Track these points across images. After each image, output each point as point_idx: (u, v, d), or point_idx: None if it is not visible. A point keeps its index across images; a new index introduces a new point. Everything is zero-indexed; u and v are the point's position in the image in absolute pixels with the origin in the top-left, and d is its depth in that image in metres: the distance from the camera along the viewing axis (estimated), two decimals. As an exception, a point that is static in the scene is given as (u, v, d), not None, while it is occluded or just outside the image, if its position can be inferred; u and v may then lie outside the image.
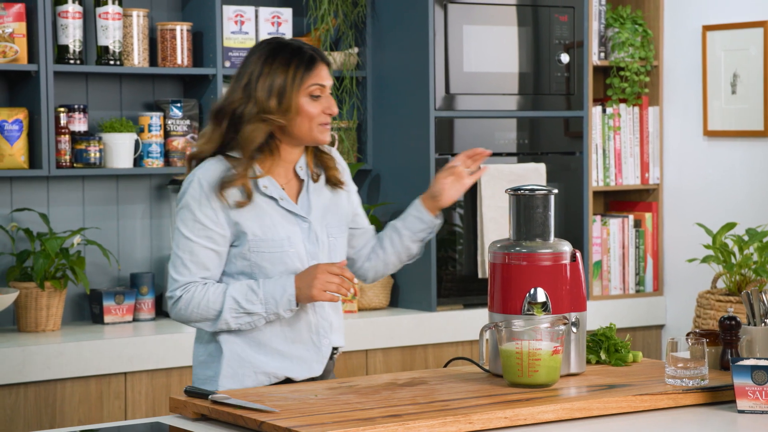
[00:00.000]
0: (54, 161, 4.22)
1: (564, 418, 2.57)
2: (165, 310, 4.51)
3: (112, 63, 4.35)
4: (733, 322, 2.90)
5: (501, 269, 2.85)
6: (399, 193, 4.76)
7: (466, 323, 4.62)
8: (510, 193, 2.90)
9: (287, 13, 4.68)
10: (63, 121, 4.27)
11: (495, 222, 4.66)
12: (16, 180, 4.35)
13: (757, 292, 2.94)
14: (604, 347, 3.01)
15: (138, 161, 4.45)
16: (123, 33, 4.38)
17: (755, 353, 2.91)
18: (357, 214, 3.10)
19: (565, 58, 4.87)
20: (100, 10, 4.33)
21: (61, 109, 4.28)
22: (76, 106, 4.34)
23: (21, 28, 4.20)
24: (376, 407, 2.55)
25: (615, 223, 5.15)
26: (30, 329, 4.21)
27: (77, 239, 4.28)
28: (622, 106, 5.17)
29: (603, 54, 5.13)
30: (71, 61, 4.29)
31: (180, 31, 4.47)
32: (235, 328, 2.87)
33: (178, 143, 4.48)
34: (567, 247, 2.87)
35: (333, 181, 3.00)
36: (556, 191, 2.90)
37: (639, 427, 2.55)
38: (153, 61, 4.51)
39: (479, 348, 2.84)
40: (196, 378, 2.96)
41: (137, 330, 4.25)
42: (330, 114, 2.90)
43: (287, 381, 2.92)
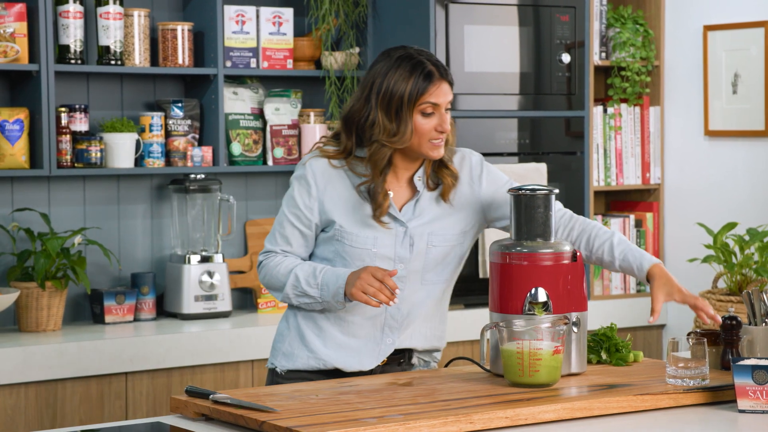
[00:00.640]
0: (55, 161, 4.22)
1: (565, 417, 2.57)
2: (166, 309, 4.53)
3: (113, 63, 4.35)
4: (734, 321, 2.90)
5: (502, 269, 2.85)
6: (400, 193, 4.75)
7: (467, 323, 4.62)
8: (511, 193, 2.90)
9: (288, 13, 4.67)
10: (64, 121, 4.27)
11: (496, 222, 4.65)
12: (17, 180, 4.35)
13: (758, 291, 2.94)
14: (605, 347, 3.01)
15: (139, 161, 4.45)
16: (124, 33, 4.38)
17: (756, 353, 2.91)
18: (505, 204, 3.04)
19: (566, 58, 4.87)
20: (101, 9, 4.33)
21: (62, 109, 4.28)
22: (77, 105, 4.34)
23: (22, 27, 4.20)
24: (376, 407, 2.55)
25: (616, 223, 5.14)
26: (31, 329, 4.21)
27: (78, 239, 4.28)
28: (623, 106, 5.17)
29: (604, 54, 5.13)
30: (72, 61, 4.29)
31: (181, 31, 4.47)
32: (296, 304, 2.99)
33: (179, 143, 4.48)
34: (568, 247, 2.87)
35: (443, 197, 3.01)
36: (557, 191, 2.90)
37: (640, 427, 2.55)
38: (154, 61, 4.51)
39: (480, 348, 2.84)
40: (271, 348, 3.10)
41: (138, 330, 4.25)
42: (441, 131, 2.92)
43: (336, 371, 2.99)
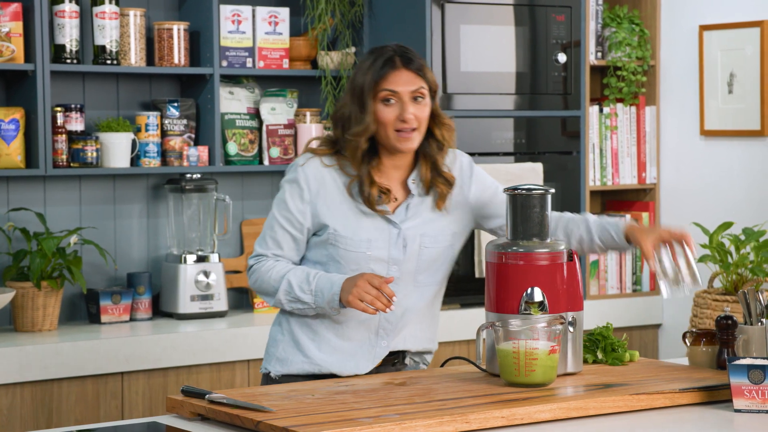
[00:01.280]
0: (51, 161, 4.22)
1: (560, 417, 2.57)
2: (162, 309, 4.53)
3: (108, 62, 4.35)
4: (730, 321, 2.90)
5: (498, 269, 2.86)
6: (396, 193, 4.76)
7: (463, 323, 4.62)
8: (507, 193, 2.90)
9: (284, 13, 4.67)
10: (60, 121, 4.27)
11: (492, 221, 4.65)
12: (12, 180, 4.35)
13: (754, 291, 2.94)
14: (600, 347, 3.01)
15: (135, 161, 4.44)
16: (120, 32, 4.38)
17: (752, 352, 2.91)
18: (490, 203, 3.06)
19: (562, 57, 4.87)
20: (96, 9, 4.33)
21: (58, 109, 4.28)
22: (72, 105, 4.34)
23: (18, 27, 4.20)
24: (372, 407, 2.55)
25: (612, 223, 5.15)
26: (27, 329, 4.21)
27: (74, 239, 4.28)
28: (619, 105, 5.17)
29: (600, 53, 5.14)
30: (68, 61, 4.28)
31: (177, 31, 4.46)
32: (289, 309, 2.97)
33: (175, 143, 4.48)
34: (564, 247, 2.87)
35: (437, 206, 3.01)
36: (553, 191, 2.90)
37: (635, 427, 2.55)
38: (150, 61, 4.51)
39: (476, 347, 2.84)
40: (265, 352, 3.08)
41: (134, 330, 4.24)
42: (403, 121, 2.90)
43: (331, 376, 2.98)
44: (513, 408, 2.53)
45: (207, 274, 4.45)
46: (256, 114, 4.67)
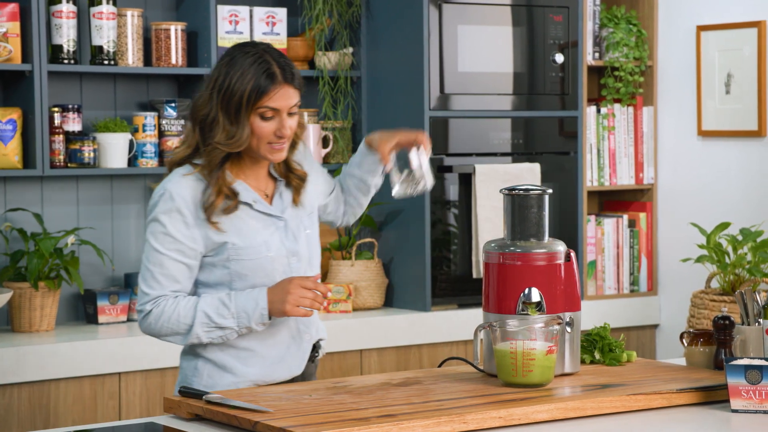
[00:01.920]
0: (48, 161, 4.21)
1: (558, 417, 2.57)
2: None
3: (106, 63, 4.35)
4: (727, 321, 2.90)
5: (495, 269, 2.86)
6: (393, 193, 4.76)
7: (460, 323, 4.62)
8: (504, 193, 2.90)
9: (282, 13, 4.67)
10: (57, 121, 4.27)
11: (489, 222, 4.66)
12: (9, 180, 4.35)
13: (751, 291, 2.94)
14: (598, 347, 3.01)
15: (132, 161, 4.44)
16: (117, 33, 4.38)
17: (749, 353, 2.91)
18: (325, 189, 3.08)
19: (560, 58, 4.87)
20: (94, 9, 4.33)
21: (55, 109, 4.27)
22: (70, 105, 4.33)
23: (15, 27, 4.20)
24: (370, 407, 2.55)
25: (609, 223, 5.15)
26: (24, 329, 4.20)
27: (71, 239, 4.28)
28: (616, 106, 5.17)
29: (597, 54, 5.14)
30: (65, 61, 4.28)
31: (174, 31, 4.46)
32: (207, 341, 2.82)
33: (172, 143, 4.48)
34: (561, 247, 2.87)
35: (294, 201, 2.93)
36: (550, 191, 2.90)
37: (633, 427, 2.55)
38: (147, 61, 4.51)
39: (474, 348, 2.84)
40: (183, 384, 2.91)
41: (131, 330, 4.24)
42: (280, 137, 2.81)
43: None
44: (510, 408, 2.53)
45: (204, 274, 4.45)
46: (253, 114, 4.66)
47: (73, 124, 4.33)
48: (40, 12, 4.19)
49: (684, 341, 3.00)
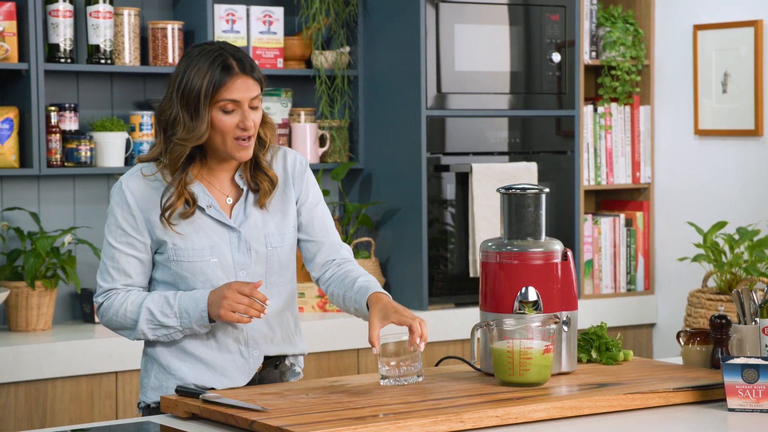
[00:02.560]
0: (45, 160, 4.21)
1: (555, 416, 2.57)
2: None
3: (102, 62, 4.35)
4: (724, 320, 2.90)
5: (492, 268, 2.86)
6: (390, 192, 4.76)
7: (457, 322, 4.63)
8: (501, 192, 2.90)
9: (279, 12, 4.67)
10: (54, 120, 4.27)
11: (486, 221, 4.66)
12: (6, 179, 4.35)
13: (748, 290, 2.95)
14: (595, 346, 3.01)
15: (129, 160, 4.44)
16: (114, 32, 4.38)
17: (745, 352, 2.92)
18: (309, 224, 2.94)
19: (557, 57, 4.87)
20: (90, 8, 4.33)
21: (52, 108, 4.27)
22: (66, 105, 4.33)
23: (11, 26, 4.20)
24: (367, 406, 2.55)
25: (606, 222, 5.15)
26: (21, 328, 4.20)
27: (68, 238, 4.28)
28: (613, 105, 5.17)
29: (594, 53, 5.14)
30: (62, 60, 4.28)
31: (171, 30, 4.46)
32: (153, 339, 2.81)
33: (169, 142, 4.48)
34: (558, 246, 2.87)
35: (259, 203, 2.86)
36: (547, 190, 2.90)
37: (630, 426, 2.55)
38: (144, 60, 4.51)
39: (470, 347, 2.84)
40: (139, 385, 2.92)
41: (128, 329, 4.24)
42: (244, 129, 2.77)
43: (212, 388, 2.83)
44: (507, 407, 2.53)
45: (201, 273, 4.45)
46: (250, 113, 4.66)
47: (70, 123, 4.33)
48: (36, 11, 4.19)
49: (681, 340, 3.00)
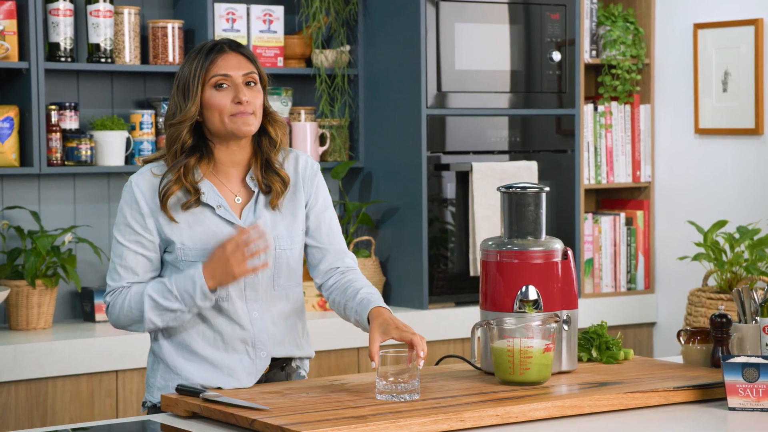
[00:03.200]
0: (45, 159, 4.21)
1: (555, 415, 2.57)
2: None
3: (103, 61, 4.35)
4: (724, 319, 2.90)
5: (493, 267, 2.86)
6: (391, 191, 4.76)
7: (457, 321, 4.63)
8: (502, 191, 2.90)
9: (279, 11, 4.67)
10: (54, 119, 4.27)
11: (487, 220, 4.66)
12: (6, 178, 4.35)
13: (748, 289, 2.95)
14: (595, 345, 3.02)
15: (129, 159, 4.44)
16: (114, 31, 4.38)
17: (746, 350, 2.92)
18: (317, 230, 2.92)
19: (557, 56, 4.87)
20: (91, 7, 4.33)
21: (52, 107, 4.27)
22: (67, 103, 4.33)
23: (12, 25, 4.20)
24: (367, 405, 2.55)
25: (606, 221, 5.15)
26: (21, 327, 4.20)
27: (68, 237, 4.28)
28: (613, 104, 5.17)
29: (594, 52, 5.14)
30: (62, 59, 4.28)
31: (171, 29, 4.46)
32: (163, 325, 2.79)
33: (169, 141, 4.48)
34: (558, 245, 2.87)
35: (271, 204, 2.85)
36: (547, 189, 2.90)
37: (630, 425, 2.55)
38: (144, 59, 4.51)
39: (471, 346, 2.84)
40: (145, 384, 2.92)
41: (128, 328, 4.24)
42: (238, 102, 2.76)
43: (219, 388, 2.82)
44: (507, 406, 2.53)
45: (201, 272, 4.45)
46: (250, 112, 4.66)
47: (70, 122, 4.33)
48: (36, 10, 4.19)
49: (681, 339, 3.00)
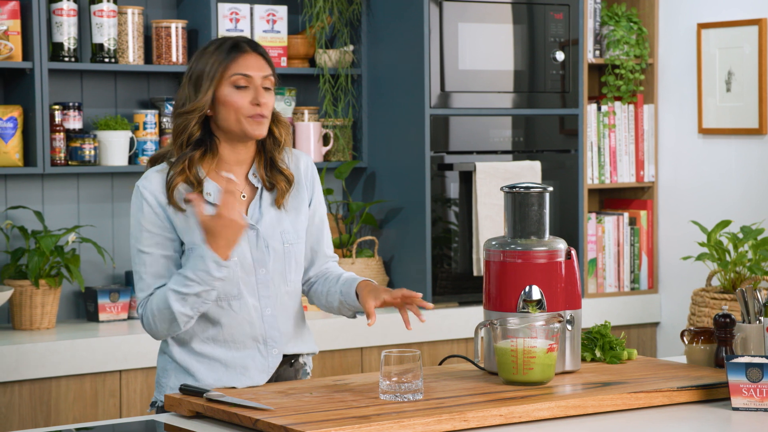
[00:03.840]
0: (49, 159, 4.22)
1: (559, 415, 2.57)
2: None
3: (107, 60, 4.35)
4: (728, 319, 2.90)
5: (496, 267, 2.86)
6: (394, 191, 4.76)
7: (461, 321, 4.63)
8: (505, 191, 2.90)
9: (282, 11, 4.67)
10: (58, 119, 4.27)
11: (490, 220, 4.66)
12: (10, 178, 4.35)
13: (752, 289, 2.94)
14: (599, 345, 3.02)
15: (133, 159, 4.44)
16: (118, 30, 4.38)
17: (750, 351, 2.91)
18: (309, 231, 2.96)
19: (560, 55, 4.87)
20: (94, 7, 4.33)
21: (56, 107, 4.28)
22: (70, 103, 4.34)
23: (15, 25, 4.20)
24: (371, 405, 2.55)
25: (610, 221, 5.15)
26: (25, 327, 4.21)
27: (72, 237, 4.28)
28: (617, 103, 5.17)
29: (598, 52, 5.14)
30: (66, 59, 4.28)
31: (175, 29, 4.46)
32: (194, 314, 2.75)
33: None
34: (562, 245, 2.87)
35: (276, 203, 2.87)
36: (551, 189, 2.90)
37: (633, 425, 2.55)
38: (148, 59, 4.51)
39: (474, 346, 2.84)
40: (156, 383, 2.92)
41: (132, 328, 4.24)
42: (257, 104, 2.78)
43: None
44: (511, 406, 2.53)
45: (205, 272, 4.45)
46: (254, 112, 4.66)
47: (74, 121, 4.33)
48: (40, 10, 4.19)
49: (685, 339, 3.00)
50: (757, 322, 2.93)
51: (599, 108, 5.14)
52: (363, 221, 4.76)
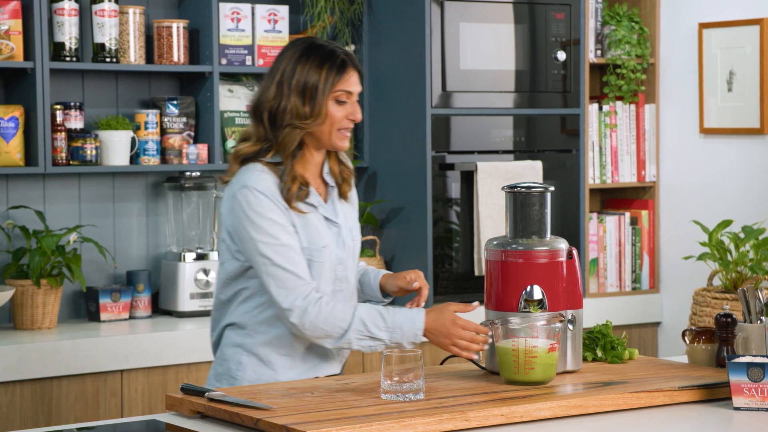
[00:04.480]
0: (50, 159, 4.22)
1: (560, 415, 2.57)
2: (162, 307, 4.52)
3: (108, 60, 4.35)
4: (729, 319, 2.90)
5: (497, 267, 2.86)
6: (396, 191, 4.76)
7: (462, 321, 4.62)
8: (506, 191, 2.90)
9: (284, 11, 4.67)
10: (59, 119, 4.27)
11: (491, 219, 4.66)
12: (12, 177, 4.35)
13: (753, 289, 2.94)
14: (600, 344, 3.02)
15: (134, 159, 4.44)
16: (119, 30, 4.38)
17: (751, 350, 2.91)
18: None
19: (562, 55, 4.87)
20: (96, 7, 4.33)
21: (57, 107, 4.28)
22: (72, 103, 4.34)
23: (17, 25, 4.20)
24: (372, 404, 2.55)
25: (611, 221, 5.15)
26: (26, 327, 4.21)
27: (73, 237, 4.28)
28: (618, 103, 5.17)
29: (599, 51, 5.14)
30: (67, 59, 4.28)
31: (176, 29, 4.46)
32: (356, 349, 2.86)
33: (174, 141, 4.48)
34: (563, 245, 2.87)
35: (343, 195, 3.01)
36: (552, 189, 2.90)
37: (635, 425, 2.55)
38: (149, 59, 4.51)
39: (475, 345, 2.84)
40: (224, 377, 2.94)
41: (133, 327, 4.25)
42: (353, 120, 2.92)
43: None
44: (512, 406, 2.53)
45: (206, 272, 4.45)
46: (255, 112, 4.66)
47: (75, 121, 4.33)
48: (42, 9, 4.19)
49: (686, 339, 3.00)
50: (759, 321, 2.93)
51: (600, 108, 5.13)
52: (364, 221, 4.76)
